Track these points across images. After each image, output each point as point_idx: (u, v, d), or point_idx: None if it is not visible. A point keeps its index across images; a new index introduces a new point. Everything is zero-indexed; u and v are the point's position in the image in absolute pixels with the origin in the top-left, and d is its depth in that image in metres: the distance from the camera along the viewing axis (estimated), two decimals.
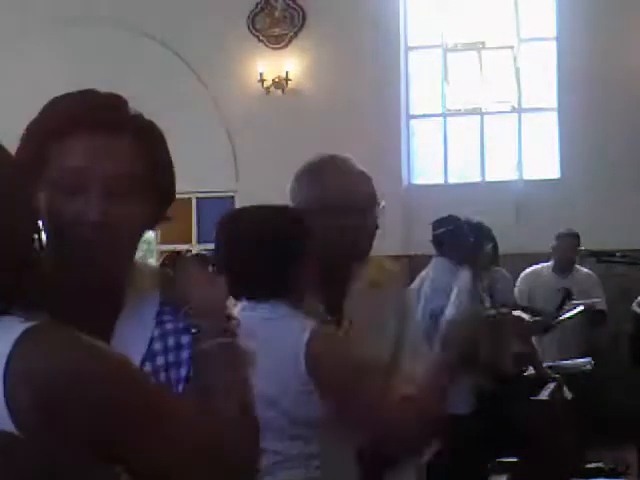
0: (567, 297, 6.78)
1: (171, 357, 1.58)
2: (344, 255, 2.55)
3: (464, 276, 3.06)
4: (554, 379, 6.01)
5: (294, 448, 2.33)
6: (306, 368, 2.24)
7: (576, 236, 7.33)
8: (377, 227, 2.61)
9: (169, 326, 1.60)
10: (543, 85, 9.86)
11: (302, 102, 9.84)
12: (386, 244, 3.06)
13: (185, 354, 1.58)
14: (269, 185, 9.57)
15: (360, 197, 2.56)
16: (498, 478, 5.27)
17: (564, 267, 7.26)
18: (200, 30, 9.89)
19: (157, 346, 1.57)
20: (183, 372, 1.57)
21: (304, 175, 2.66)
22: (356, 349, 2.36)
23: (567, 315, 6.62)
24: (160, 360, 1.57)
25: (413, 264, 5.55)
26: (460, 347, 2.53)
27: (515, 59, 9.85)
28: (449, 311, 2.72)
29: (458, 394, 4.92)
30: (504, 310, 5.75)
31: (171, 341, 1.58)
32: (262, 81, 9.90)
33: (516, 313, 5.91)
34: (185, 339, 1.59)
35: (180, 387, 1.57)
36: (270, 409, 2.22)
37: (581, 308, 6.72)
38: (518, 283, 7.21)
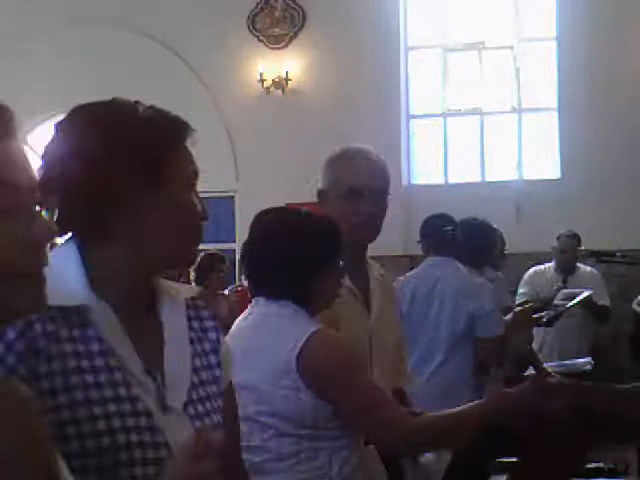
0: (562, 287, 6.82)
1: (204, 360, 1.69)
2: (357, 236, 2.77)
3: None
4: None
5: (284, 446, 2.35)
6: (297, 367, 2.31)
7: (576, 236, 7.34)
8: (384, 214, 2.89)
9: (192, 334, 1.70)
10: (543, 85, 9.86)
11: (302, 102, 9.84)
12: (386, 244, 3.06)
13: (213, 359, 1.71)
14: (269, 185, 9.65)
15: (370, 185, 2.80)
16: (498, 478, 5.27)
17: (565, 267, 7.27)
18: (200, 30, 9.89)
19: (193, 349, 1.69)
20: (217, 373, 1.70)
21: (326, 162, 2.91)
22: (353, 352, 2.44)
23: (573, 302, 6.62)
24: (197, 362, 1.68)
25: (413, 264, 5.54)
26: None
27: (515, 59, 9.85)
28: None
29: (461, 394, 4.92)
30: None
31: (198, 347, 1.70)
32: (262, 81, 9.90)
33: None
34: (207, 345, 1.71)
35: (214, 387, 1.68)
36: (260, 404, 2.32)
37: (587, 294, 6.71)
38: (522, 283, 7.22)
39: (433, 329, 4.93)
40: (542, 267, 7.37)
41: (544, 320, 6.56)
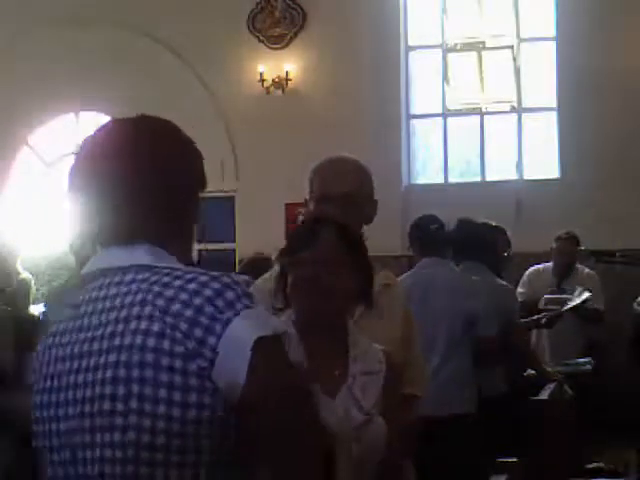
0: (556, 290, 6.92)
1: None
2: None
3: None
4: (554, 379, 6.01)
5: None
6: None
7: (575, 238, 7.33)
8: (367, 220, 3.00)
9: None
10: (543, 85, 9.86)
11: (302, 102, 9.84)
12: (386, 244, 3.07)
13: None
14: (269, 185, 9.65)
15: (336, 190, 2.95)
16: (498, 478, 5.27)
17: (563, 269, 7.27)
18: (200, 30, 9.89)
19: None
20: None
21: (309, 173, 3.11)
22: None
23: (572, 304, 6.64)
24: None
25: (412, 264, 5.54)
26: None
27: (515, 59, 9.85)
28: None
29: (461, 393, 4.94)
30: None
31: None
32: (262, 81, 9.90)
33: None
34: None
35: None
36: None
37: (586, 296, 6.73)
38: (521, 283, 7.23)
39: (430, 330, 4.94)
40: (540, 267, 7.38)
41: (543, 322, 6.58)
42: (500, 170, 9.91)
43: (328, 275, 2.33)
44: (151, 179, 1.75)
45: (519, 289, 7.13)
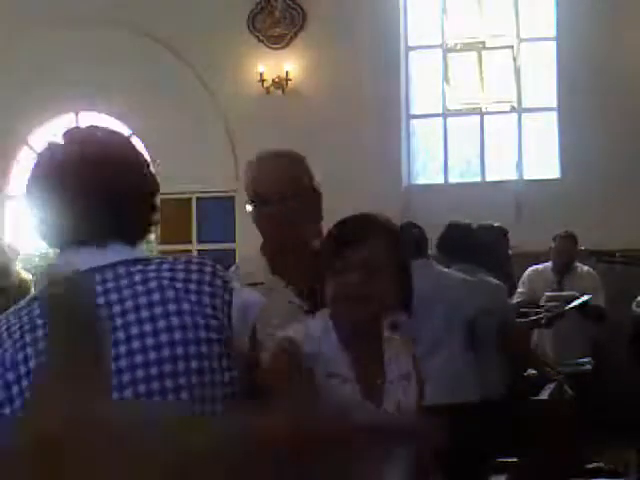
0: (557, 289, 6.94)
1: None
2: (268, 239, 2.85)
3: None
4: (554, 379, 6.01)
5: None
6: None
7: (573, 237, 7.34)
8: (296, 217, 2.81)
9: None
10: (543, 85, 9.86)
11: (302, 102, 9.84)
12: None
13: None
14: None
15: (266, 190, 2.85)
16: (498, 478, 5.27)
17: (562, 268, 7.29)
18: (200, 30, 9.89)
19: None
20: None
21: None
22: None
23: (570, 306, 6.65)
24: None
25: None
26: None
27: (515, 59, 9.85)
28: None
29: (466, 386, 4.96)
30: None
31: None
32: (262, 81, 9.91)
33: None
34: None
35: None
36: None
37: (585, 298, 6.74)
38: (520, 283, 7.24)
39: (437, 327, 4.98)
40: (540, 267, 7.39)
41: (543, 321, 6.59)
42: (500, 170, 9.92)
43: (375, 281, 2.17)
44: (121, 184, 1.83)
45: (519, 289, 7.13)
